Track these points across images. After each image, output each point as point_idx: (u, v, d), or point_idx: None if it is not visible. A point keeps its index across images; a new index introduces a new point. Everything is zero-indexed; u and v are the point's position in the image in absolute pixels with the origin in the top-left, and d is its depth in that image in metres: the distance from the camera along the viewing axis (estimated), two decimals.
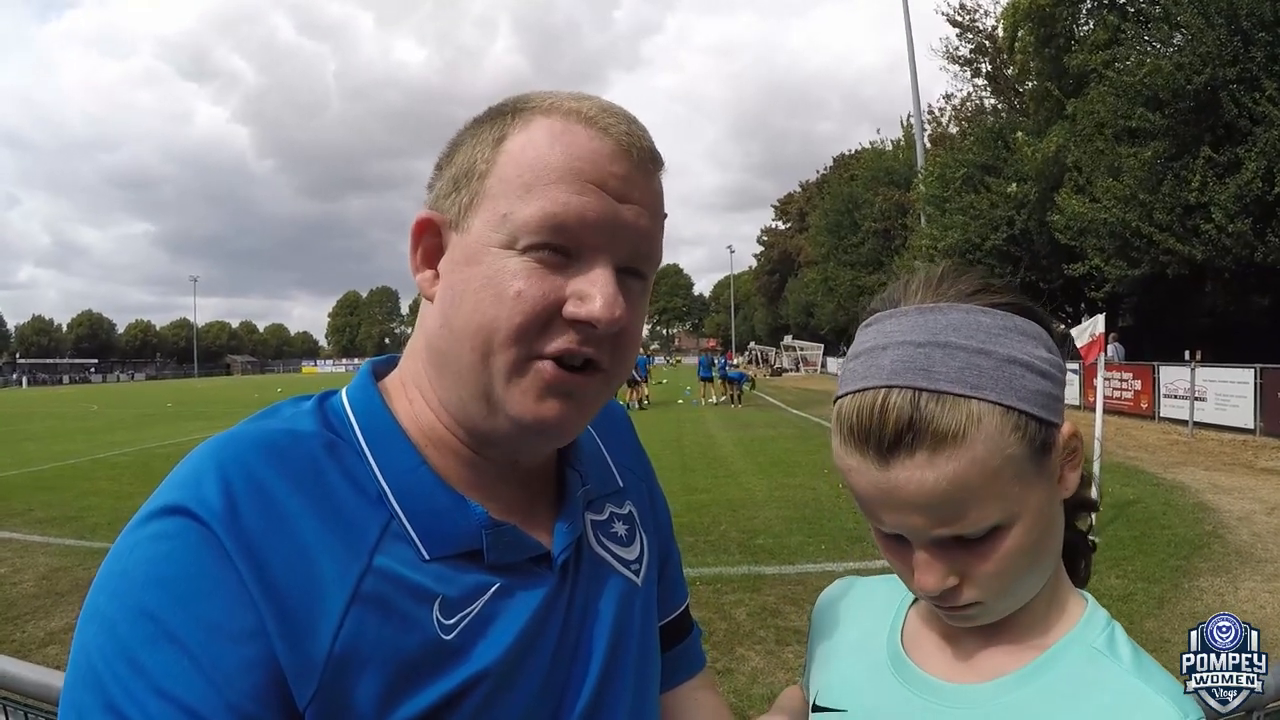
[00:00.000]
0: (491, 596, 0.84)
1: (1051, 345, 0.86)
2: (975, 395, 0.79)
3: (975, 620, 0.88)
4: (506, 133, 0.84)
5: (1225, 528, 8.53)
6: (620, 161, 0.83)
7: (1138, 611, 5.95)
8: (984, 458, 0.78)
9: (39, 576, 7.80)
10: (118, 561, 0.74)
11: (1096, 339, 8.47)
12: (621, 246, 0.84)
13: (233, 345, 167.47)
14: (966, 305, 0.85)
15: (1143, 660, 0.84)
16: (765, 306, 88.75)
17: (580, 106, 0.85)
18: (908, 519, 0.82)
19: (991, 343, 0.82)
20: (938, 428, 0.78)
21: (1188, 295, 21.55)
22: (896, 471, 0.80)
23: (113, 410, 37.08)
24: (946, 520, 0.80)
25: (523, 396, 0.82)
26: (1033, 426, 0.81)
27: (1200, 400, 16.76)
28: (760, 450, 15.79)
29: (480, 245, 0.82)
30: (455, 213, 0.85)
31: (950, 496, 0.79)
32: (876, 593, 1.11)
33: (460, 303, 0.83)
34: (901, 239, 34.97)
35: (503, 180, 0.82)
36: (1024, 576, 0.85)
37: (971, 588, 0.84)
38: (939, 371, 0.80)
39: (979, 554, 0.82)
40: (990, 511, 0.80)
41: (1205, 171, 17.60)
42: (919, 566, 0.85)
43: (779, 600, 6.51)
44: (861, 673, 1.01)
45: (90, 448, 19.59)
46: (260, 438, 0.81)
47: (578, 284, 0.82)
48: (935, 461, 0.78)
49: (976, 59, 31.62)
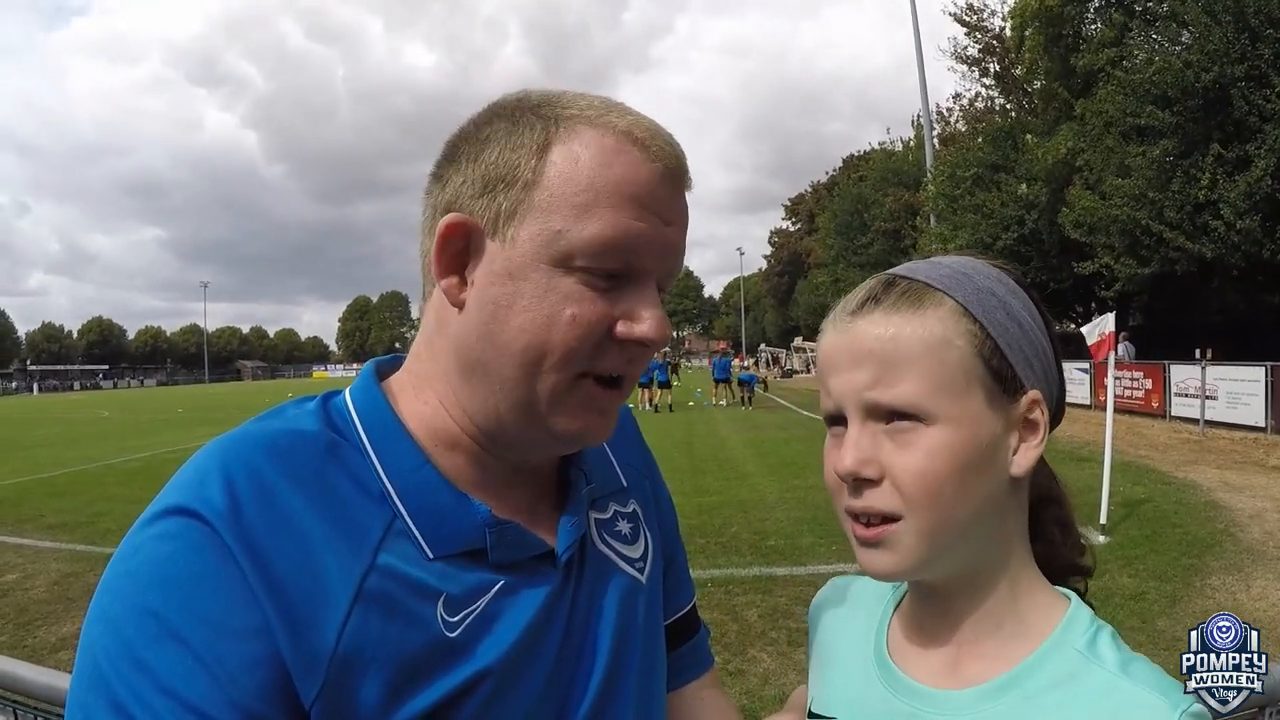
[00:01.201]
0: (495, 594, 0.84)
1: (1034, 313, 0.93)
2: (941, 289, 0.89)
3: (887, 553, 0.88)
4: (551, 141, 0.83)
5: (1237, 526, 8.51)
6: (669, 186, 0.85)
7: (1150, 610, 5.94)
8: (932, 332, 0.86)
9: (51, 582, 7.85)
10: (123, 562, 0.75)
11: (1106, 337, 8.46)
12: (666, 267, 0.87)
13: (243, 350, 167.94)
14: (972, 256, 0.96)
15: (1127, 658, 0.83)
16: (775, 308, 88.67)
17: (631, 127, 0.84)
18: (850, 375, 0.87)
19: (976, 274, 0.92)
20: (903, 295, 0.89)
21: (1198, 293, 21.45)
22: (857, 323, 0.89)
23: (124, 416, 37.21)
24: (883, 381, 0.85)
25: (568, 414, 0.84)
26: (988, 347, 0.87)
27: (1211, 399, 16.67)
28: (771, 451, 15.81)
29: (529, 260, 0.81)
30: (491, 218, 0.83)
31: (891, 352, 0.85)
32: (866, 593, 1.10)
33: (505, 318, 0.82)
34: (911, 240, 34.87)
35: (554, 195, 0.81)
36: (943, 501, 0.84)
37: (891, 490, 0.85)
38: (921, 271, 0.92)
39: (904, 445, 0.84)
40: (921, 388, 0.84)
41: (1215, 169, 17.50)
42: (847, 442, 0.87)
43: (790, 601, 6.50)
44: (850, 678, 1.01)
45: (101, 453, 19.67)
46: (264, 438, 0.82)
47: (627, 305, 0.83)
48: (890, 319, 0.87)
49: (985, 59, 31.55)
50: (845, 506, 0.90)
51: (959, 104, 36.28)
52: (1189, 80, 17.66)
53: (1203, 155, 17.87)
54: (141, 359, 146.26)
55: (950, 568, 0.89)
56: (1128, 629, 5.47)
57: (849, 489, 0.88)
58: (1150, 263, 19.82)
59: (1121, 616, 5.80)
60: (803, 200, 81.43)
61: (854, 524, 0.89)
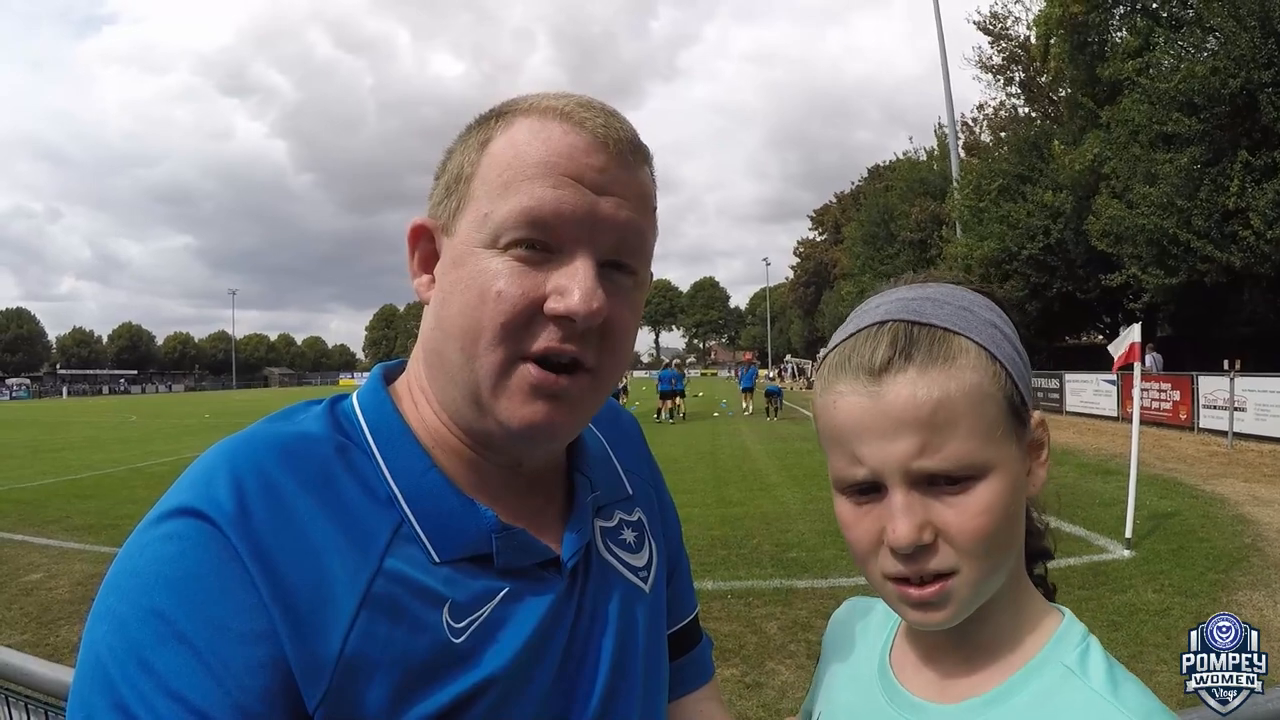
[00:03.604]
0: (501, 601, 0.84)
1: (1018, 341, 0.90)
2: (962, 333, 0.84)
3: (942, 609, 0.84)
4: (491, 136, 0.86)
5: (1265, 540, 8.37)
6: (597, 154, 0.83)
7: (1174, 626, 5.83)
8: (971, 385, 0.81)
9: (74, 582, 7.95)
10: (129, 561, 0.75)
11: (1130, 347, 8.36)
12: (603, 239, 0.84)
13: (270, 358, 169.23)
14: (950, 283, 0.92)
15: (1116, 676, 0.82)
16: (801, 319, 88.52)
17: (558, 104, 0.85)
18: (890, 445, 0.81)
19: (974, 306, 0.88)
20: (930, 349, 0.83)
21: (1226, 304, 21.22)
22: (887, 386, 0.82)
23: (151, 421, 37.65)
24: (929, 447, 0.80)
25: (509, 401, 0.83)
26: (1009, 385, 0.84)
27: (1240, 410, 16.43)
28: (795, 463, 15.75)
29: (465, 246, 0.83)
30: (446, 217, 0.87)
31: (936, 416, 0.80)
32: (874, 613, 1.10)
33: (448, 304, 0.84)
34: (937, 249, 34.71)
35: (484, 181, 0.84)
36: (997, 549, 0.82)
37: (946, 549, 0.81)
38: (929, 313, 0.86)
39: (957, 505, 0.81)
40: (971, 447, 0.80)
41: (1243, 176, 17.31)
42: (896, 513, 0.81)
43: (811, 614, 6.47)
44: (854, 691, 1.01)
45: (128, 457, 19.97)
46: (272, 440, 0.82)
47: (557, 279, 0.82)
48: (925, 377, 0.81)
49: (1009, 67, 31.44)
50: (891, 573, 0.85)
51: (984, 113, 36.20)
52: (1215, 87, 17.47)
53: (1231, 162, 17.67)
54: (170, 365, 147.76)
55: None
56: (1152, 645, 5.41)
57: (900, 557, 0.83)
58: (1178, 273, 19.60)
59: (1146, 632, 5.72)
60: (828, 210, 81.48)
61: (902, 587, 0.84)
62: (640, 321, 0.95)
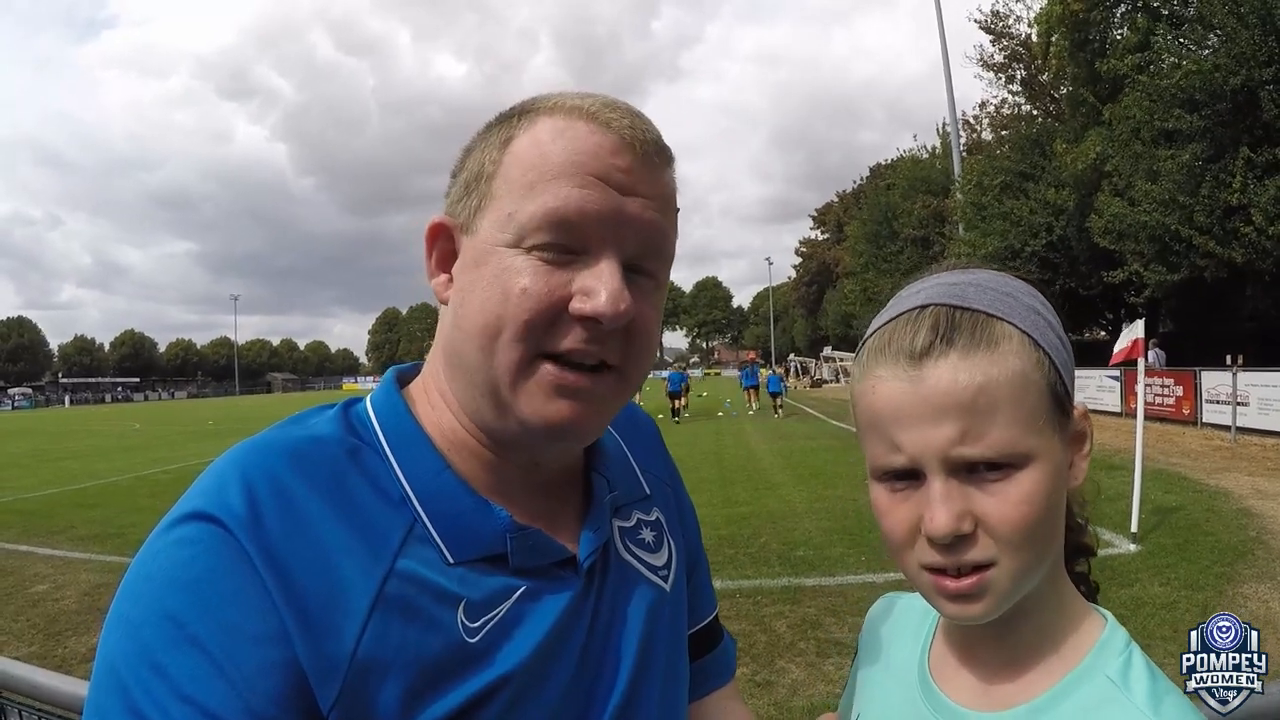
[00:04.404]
0: (516, 600, 0.84)
1: (1061, 330, 0.88)
2: (1005, 318, 0.82)
3: (979, 601, 0.81)
4: (513, 134, 0.86)
5: (1269, 534, 8.36)
6: (623, 155, 0.83)
7: (1181, 620, 5.83)
8: (1014, 371, 0.79)
9: (81, 593, 7.95)
10: (142, 566, 0.75)
11: (1134, 343, 8.35)
12: (628, 241, 0.84)
13: (273, 363, 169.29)
14: (993, 269, 0.91)
15: (1159, 690, 0.80)
16: (804, 318, 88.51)
17: (583, 104, 0.85)
18: (931, 431, 0.79)
19: (1017, 292, 0.86)
20: (972, 333, 0.81)
21: (1229, 299, 21.15)
22: (928, 371, 0.80)
23: (154, 428, 37.67)
24: (970, 433, 0.78)
25: (529, 398, 0.82)
26: (1053, 374, 0.82)
27: (1243, 405, 16.39)
28: (800, 461, 15.70)
29: (488, 245, 0.83)
30: (466, 216, 0.86)
31: (978, 402, 0.78)
32: (912, 610, 1.08)
33: (470, 302, 0.83)
34: (940, 247, 34.62)
35: (508, 181, 0.83)
36: (1037, 541, 0.80)
37: (985, 540, 0.79)
38: (971, 298, 0.84)
39: (997, 494, 0.79)
40: (1013, 435, 0.78)
41: (1245, 173, 17.25)
42: (934, 501, 0.80)
43: (819, 612, 6.47)
44: (894, 696, 1.00)
45: (132, 465, 19.95)
46: (284, 444, 0.82)
47: (583, 280, 0.81)
48: (968, 362, 0.79)
49: (1011, 65, 31.39)
50: (928, 564, 0.83)
51: (985, 111, 36.14)
52: (1217, 83, 17.39)
53: (1232, 159, 17.61)
54: (172, 372, 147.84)
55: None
56: (1159, 639, 5.40)
57: (938, 548, 0.81)
58: (1180, 269, 19.54)
59: (1152, 626, 5.72)
60: (830, 209, 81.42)
61: (939, 578, 0.82)
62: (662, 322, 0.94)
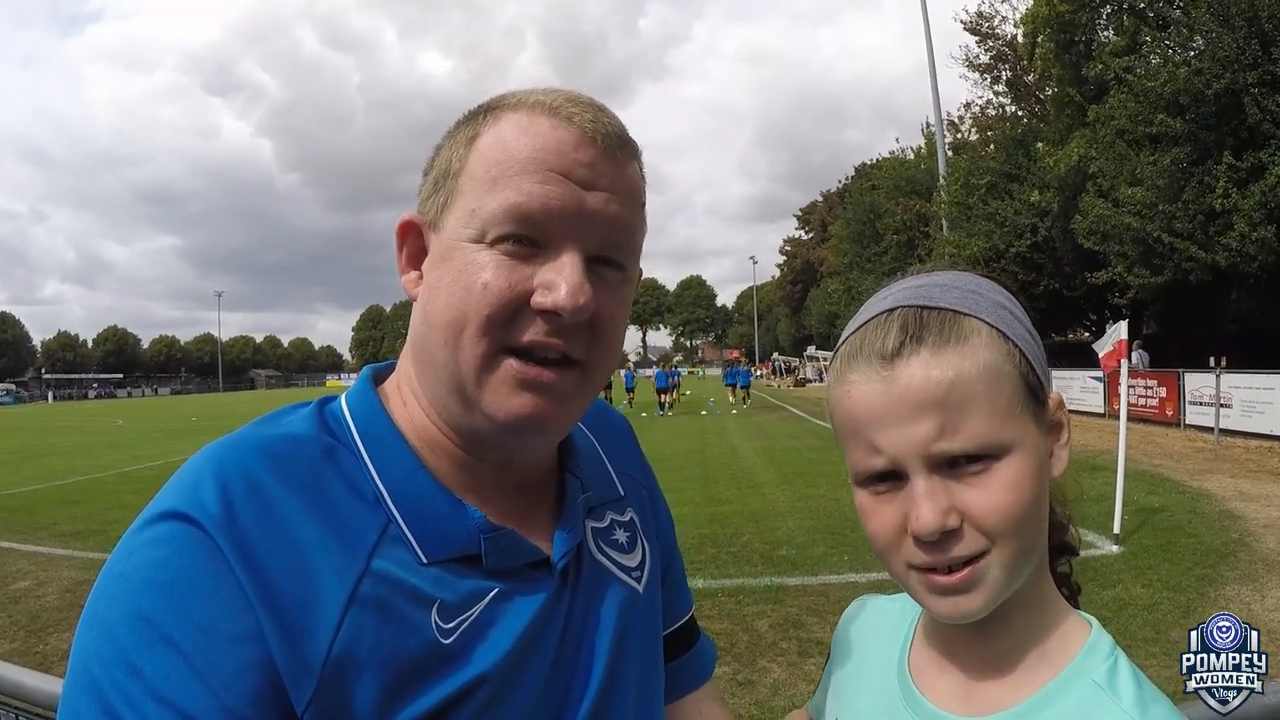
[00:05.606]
0: (490, 601, 0.84)
1: (1029, 323, 0.90)
2: (972, 314, 0.84)
3: (973, 594, 0.81)
4: (479, 131, 0.86)
5: (1252, 535, 8.44)
6: (585, 149, 0.84)
7: (1163, 621, 5.88)
8: (985, 364, 0.81)
9: (63, 589, 7.89)
10: (116, 566, 0.75)
11: (1117, 346, 8.40)
12: (590, 234, 0.84)
13: (257, 360, 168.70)
14: (956, 270, 0.93)
15: (1148, 697, 0.80)
16: (788, 317, 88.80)
17: (546, 99, 0.86)
18: (909, 429, 0.80)
19: (982, 289, 0.88)
20: (941, 330, 0.82)
21: (1213, 302, 21.32)
22: (900, 370, 0.81)
23: (138, 425, 37.50)
24: (948, 428, 0.79)
25: (493, 393, 0.83)
26: (1024, 364, 0.84)
27: (1226, 407, 16.55)
28: (784, 460, 15.75)
29: (453, 241, 0.84)
30: (434, 213, 0.87)
31: (952, 396, 0.79)
32: (889, 612, 1.08)
33: (434, 298, 0.84)
34: (926, 248, 34.80)
35: (472, 177, 0.84)
36: (1025, 528, 0.80)
37: (973, 533, 0.80)
38: (937, 297, 0.86)
39: (980, 485, 0.79)
40: (991, 426, 0.79)
41: (1228, 178, 17.34)
42: (918, 499, 0.80)
43: (801, 611, 6.49)
44: (875, 703, 0.99)
45: (115, 461, 19.88)
46: (258, 443, 0.82)
47: (545, 274, 0.82)
48: (939, 358, 0.81)
49: (996, 66, 31.57)
50: (917, 563, 0.83)
51: (970, 112, 36.33)
52: (1200, 87, 17.50)
53: (1215, 163, 17.70)
54: (156, 368, 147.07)
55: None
56: (1141, 640, 5.44)
57: (926, 546, 0.81)
58: (1163, 272, 19.68)
59: (1135, 627, 5.75)
60: (815, 209, 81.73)
61: (929, 576, 0.82)
62: (630, 316, 0.94)
